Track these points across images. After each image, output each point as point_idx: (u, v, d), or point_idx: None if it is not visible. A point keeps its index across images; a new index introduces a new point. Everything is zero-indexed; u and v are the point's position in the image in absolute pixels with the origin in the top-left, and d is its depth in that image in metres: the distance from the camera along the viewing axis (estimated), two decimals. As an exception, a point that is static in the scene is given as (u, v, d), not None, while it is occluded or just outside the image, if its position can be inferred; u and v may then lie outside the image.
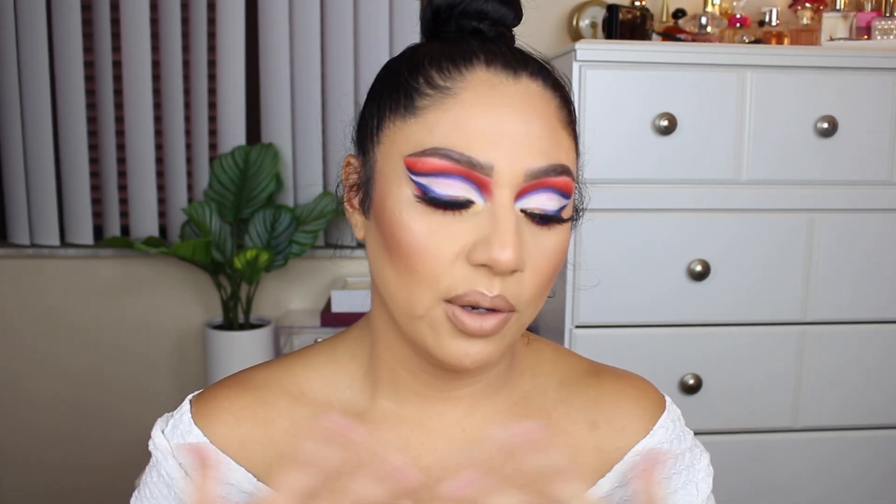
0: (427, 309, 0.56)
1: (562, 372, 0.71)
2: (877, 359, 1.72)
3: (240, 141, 2.18)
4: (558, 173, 0.56)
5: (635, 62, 1.59)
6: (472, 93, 0.56)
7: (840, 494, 1.76)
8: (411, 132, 0.56)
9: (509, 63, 0.58)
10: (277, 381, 0.67)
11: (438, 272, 0.55)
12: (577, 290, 1.64)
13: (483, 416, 0.66)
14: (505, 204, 0.55)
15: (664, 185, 1.63)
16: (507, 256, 0.53)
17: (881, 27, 1.71)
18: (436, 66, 0.57)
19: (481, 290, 0.54)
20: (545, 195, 0.56)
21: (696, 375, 1.67)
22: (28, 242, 2.21)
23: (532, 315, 0.59)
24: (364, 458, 0.64)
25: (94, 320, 2.26)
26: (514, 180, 0.55)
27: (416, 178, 0.55)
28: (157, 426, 0.68)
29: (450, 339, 0.56)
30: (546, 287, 0.58)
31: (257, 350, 2.07)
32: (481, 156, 0.54)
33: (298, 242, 2.10)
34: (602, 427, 0.68)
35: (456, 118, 0.55)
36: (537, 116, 0.56)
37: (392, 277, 0.58)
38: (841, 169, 1.65)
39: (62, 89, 2.15)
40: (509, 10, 0.62)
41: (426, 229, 0.55)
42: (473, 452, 0.65)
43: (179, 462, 0.65)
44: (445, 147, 0.55)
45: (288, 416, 0.66)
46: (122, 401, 2.27)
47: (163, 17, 2.14)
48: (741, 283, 1.66)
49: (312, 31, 2.14)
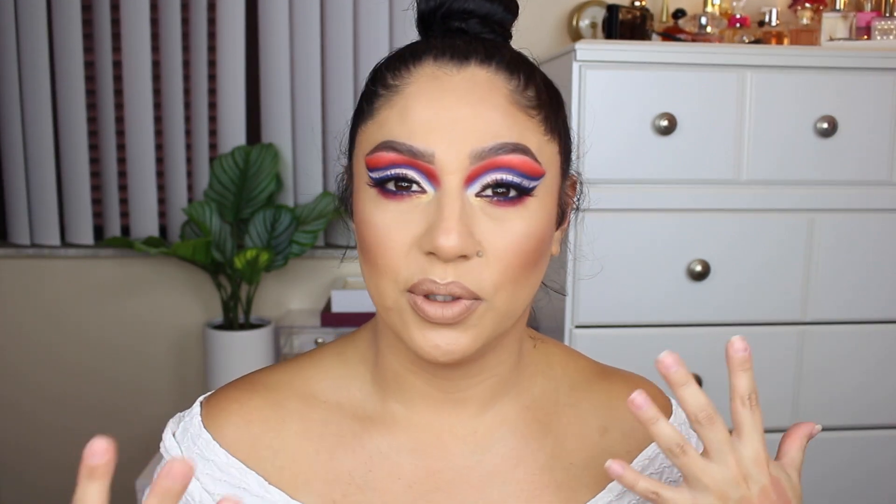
0: (394, 300, 0.57)
1: (572, 375, 0.71)
2: (876, 359, 1.72)
3: (240, 141, 2.18)
4: (509, 151, 0.55)
5: (635, 62, 1.59)
6: (416, 86, 0.57)
7: (840, 494, 1.76)
8: (369, 133, 0.59)
9: (456, 53, 0.58)
10: (288, 383, 0.67)
11: (395, 263, 0.56)
12: (577, 291, 1.64)
13: (493, 419, 0.66)
14: (451, 190, 0.55)
15: (664, 185, 1.63)
16: (450, 242, 0.53)
17: (881, 27, 1.71)
18: (389, 68, 0.59)
19: (433, 279, 0.55)
20: (498, 175, 0.55)
21: (696, 375, 1.67)
22: (28, 242, 2.21)
23: (509, 304, 0.58)
24: (376, 461, 0.64)
25: (94, 320, 2.26)
26: (460, 165, 0.55)
27: (372, 174, 0.57)
28: (169, 428, 0.68)
29: (416, 329, 0.57)
30: (516, 272, 0.57)
31: (257, 350, 2.07)
32: (421, 144, 0.55)
33: (298, 242, 2.10)
34: (612, 431, 0.69)
35: (401, 112, 0.56)
36: (482, 101, 0.56)
37: (366, 273, 0.59)
38: (841, 169, 1.65)
39: (62, 89, 2.15)
40: (496, 6, 0.61)
41: (383, 222, 0.56)
42: (485, 455, 0.65)
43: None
44: (391, 139, 0.56)
45: (299, 419, 0.65)
46: (122, 401, 2.27)
47: (163, 17, 2.14)
48: (741, 283, 1.66)
49: (312, 31, 2.14)
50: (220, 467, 0.64)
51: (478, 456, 0.65)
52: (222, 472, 0.64)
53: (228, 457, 0.64)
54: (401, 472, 0.64)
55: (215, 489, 0.63)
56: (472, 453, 0.65)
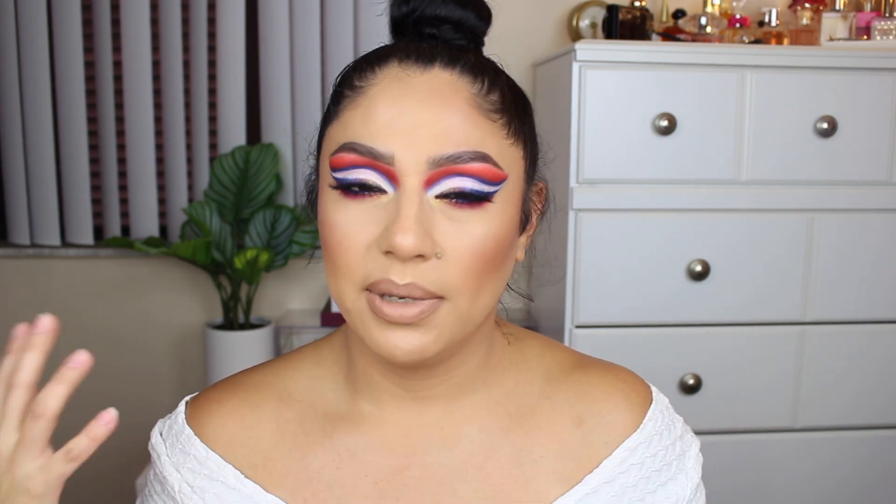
0: (353, 301, 0.58)
1: (548, 367, 0.70)
2: (877, 359, 1.72)
3: (240, 141, 2.18)
4: (470, 159, 0.56)
5: (635, 62, 1.59)
6: (379, 88, 0.57)
7: (840, 494, 1.76)
8: (334, 133, 0.59)
9: (421, 56, 0.58)
10: (268, 384, 0.69)
11: (353, 262, 0.56)
12: (577, 291, 1.64)
13: (461, 415, 0.66)
14: (410, 191, 0.55)
15: (664, 185, 1.63)
16: (407, 241, 0.53)
17: (881, 27, 1.71)
18: (356, 70, 0.60)
19: (391, 279, 0.55)
20: (456, 181, 0.56)
21: (696, 375, 1.67)
22: (28, 242, 2.21)
23: (471, 306, 0.58)
24: (345, 459, 0.65)
25: (94, 320, 2.26)
26: (418, 168, 0.55)
27: (335, 174, 0.57)
28: (157, 428, 0.71)
29: (376, 330, 0.57)
30: (478, 274, 0.57)
31: (257, 350, 2.07)
32: (382, 146, 0.56)
33: (298, 242, 2.10)
34: (588, 421, 0.68)
35: (364, 113, 0.57)
36: (444, 104, 0.56)
37: (328, 273, 0.60)
38: (841, 169, 1.65)
39: (62, 89, 2.15)
40: (468, 12, 0.61)
41: (343, 221, 0.57)
42: (453, 451, 0.65)
43: (173, 461, 0.67)
44: (353, 141, 0.57)
45: (274, 419, 0.67)
46: (122, 401, 2.27)
47: (163, 17, 2.14)
48: (741, 284, 1.66)
49: (312, 31, 2.14)
50: (199, 461, 0.66)
51: (445, 452, 0.65)
52: (201, 465, 0.66)
53: (207, 451, 0.66)
54: (368, 470, 0.65)
55: (195, 482, 0.66)
56: (440, 449, 0.65)
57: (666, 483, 0.68)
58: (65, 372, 0.56)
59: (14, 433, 0.55)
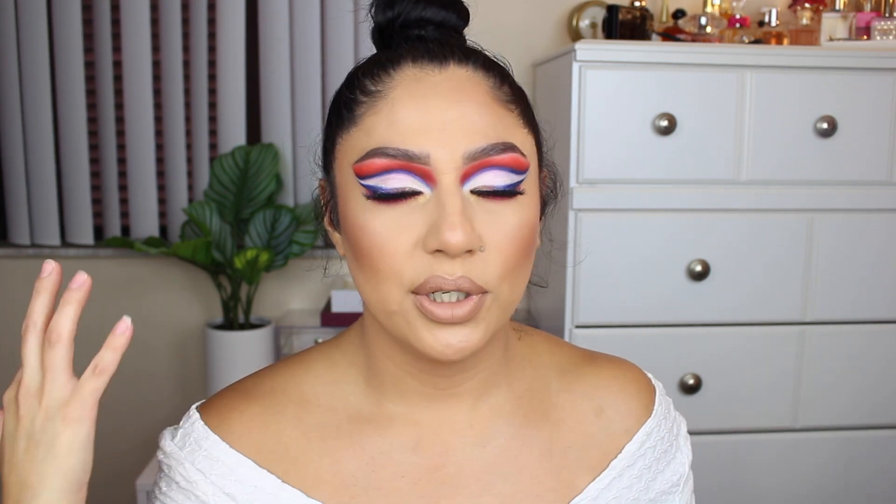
0: (398, 304, 0.58)
1: (558, 361, 0.73)
2: (876, 359, 1.72)
3: (240, 141, 2.18)
4: (500, 151, 0.57)
5: (635, 62, 1.59)
6: (401, 90, 0.58)
7: (840, 494, 1.76)
8: (355, 140, 0.59)
9: (435, 55, 0.59)
10: (283, 390, 0.68)
11: (399, 265, 0.56)
12: (577, 291, 1.64)
13: (488, 411, 0.67)
14: (449, 188, 0.56)
15: (664, 185, 1.63)
16: (457, 238, 0.54)
17: (880, 27, 1.71)
18: (367, 75, 0.60)
19: (441, 275, 0.56)
20: (492, 173, 0.57)
21: (696, 375, 1.67)
22: (28, 242, 2.21)
23: (510, 294, 0.59)
24: (379, 462, 0.65)
25: (94, 320, 2.25)
26: (454, 165, 0.56)
27: (364, 181, 0.57)
28: (166, 436, 0.68)
29: (425, 330, 0.57)
30: (516, 263, 0.58)
31: (257, 350, 2.07)
32: (416, 147, 0.56)
33: (298, 242, 2.10)
34: (607, 411, 0.71)
35: (389, 116, 0.57)
36: (467, 99, 0.57)
37: (363, 280, 0.60)
38: (841, 169, 1.66)
39: (62, 89, 2.15)
40: (451, 13, 0.62)
41: (381, 226, 0.57)
42: (485, 447, 0.66)
43: (198, 468, 0.64)
44: (382, 145, 0.56)
45: (296, 424, 0.66)
46: (122, 401, 2.27)
47: (163, 17, 2.14)
48: (741, 284, 1.66)
49: (312, 31, 2.15)
50: (229, 467, 0.64)
51: (478, 448, 0.66)
52: (232, 471, 0.64)
53: (240, 456, 0.64)
54: (404, 471, 0.65)
55: (226, 487, 0.63)
56: (472, 446, 0.66)
57: (670, 461, 0.73)
58: (70, 294, 0.60)
59: (68, 384, 0.57)
